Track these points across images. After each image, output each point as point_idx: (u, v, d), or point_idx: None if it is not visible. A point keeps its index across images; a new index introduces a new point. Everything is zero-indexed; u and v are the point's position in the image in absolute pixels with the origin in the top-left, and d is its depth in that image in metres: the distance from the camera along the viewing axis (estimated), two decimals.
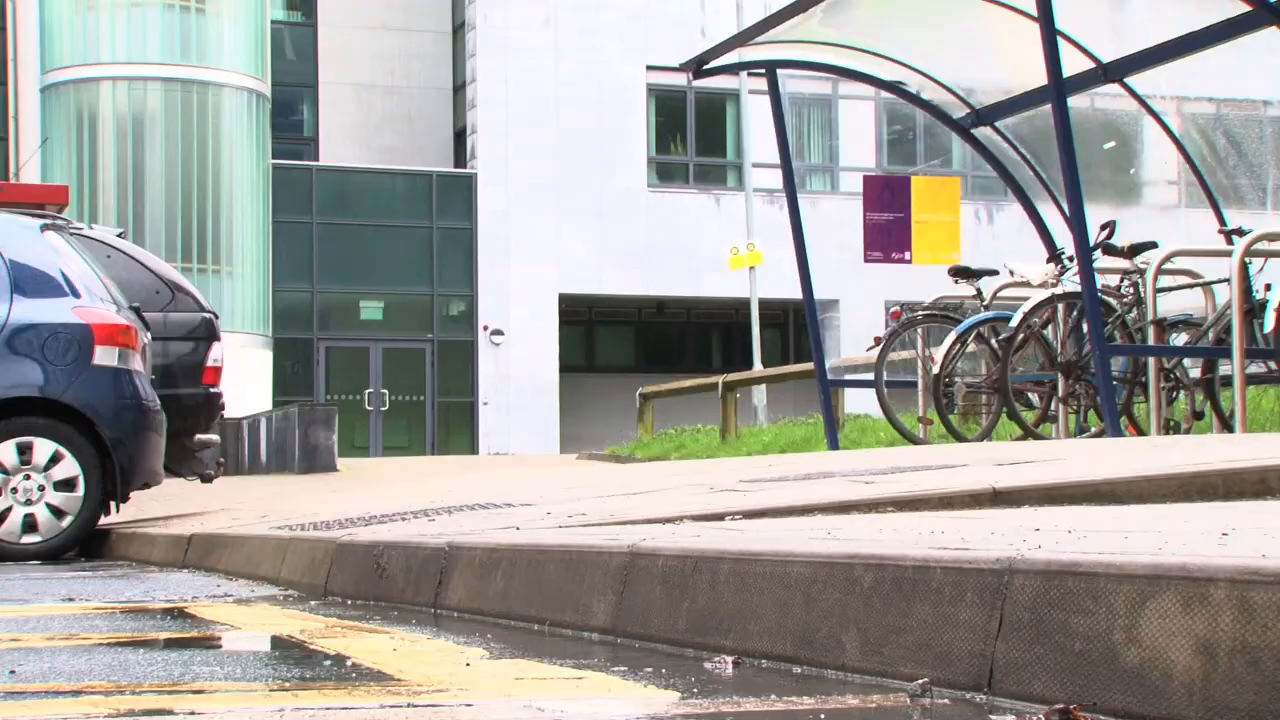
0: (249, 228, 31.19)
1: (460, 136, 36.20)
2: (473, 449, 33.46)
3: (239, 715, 1.94)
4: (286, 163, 33.30)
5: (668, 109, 35.77)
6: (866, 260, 13.02)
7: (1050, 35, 8.86)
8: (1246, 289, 8.72)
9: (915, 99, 12.02)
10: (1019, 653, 1.98)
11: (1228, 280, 8.73)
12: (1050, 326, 9.88)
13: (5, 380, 8.21)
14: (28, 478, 8.24)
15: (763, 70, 11.61)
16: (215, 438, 10.84)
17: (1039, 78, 9.55)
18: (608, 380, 36.40)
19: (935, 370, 9.92)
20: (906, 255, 12.84)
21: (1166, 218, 14.18)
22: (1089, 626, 1.88)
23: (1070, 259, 9.71)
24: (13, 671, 2.45)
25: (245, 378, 27.94)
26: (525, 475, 10.88)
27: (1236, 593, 1.72)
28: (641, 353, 38.90)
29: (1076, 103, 10.60)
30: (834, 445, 11.82)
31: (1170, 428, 9.47)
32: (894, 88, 12.12)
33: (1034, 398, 10.21)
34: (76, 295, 8.48)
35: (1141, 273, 9.57)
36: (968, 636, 2.07)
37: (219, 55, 30.70)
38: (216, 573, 6.10)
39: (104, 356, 8.39)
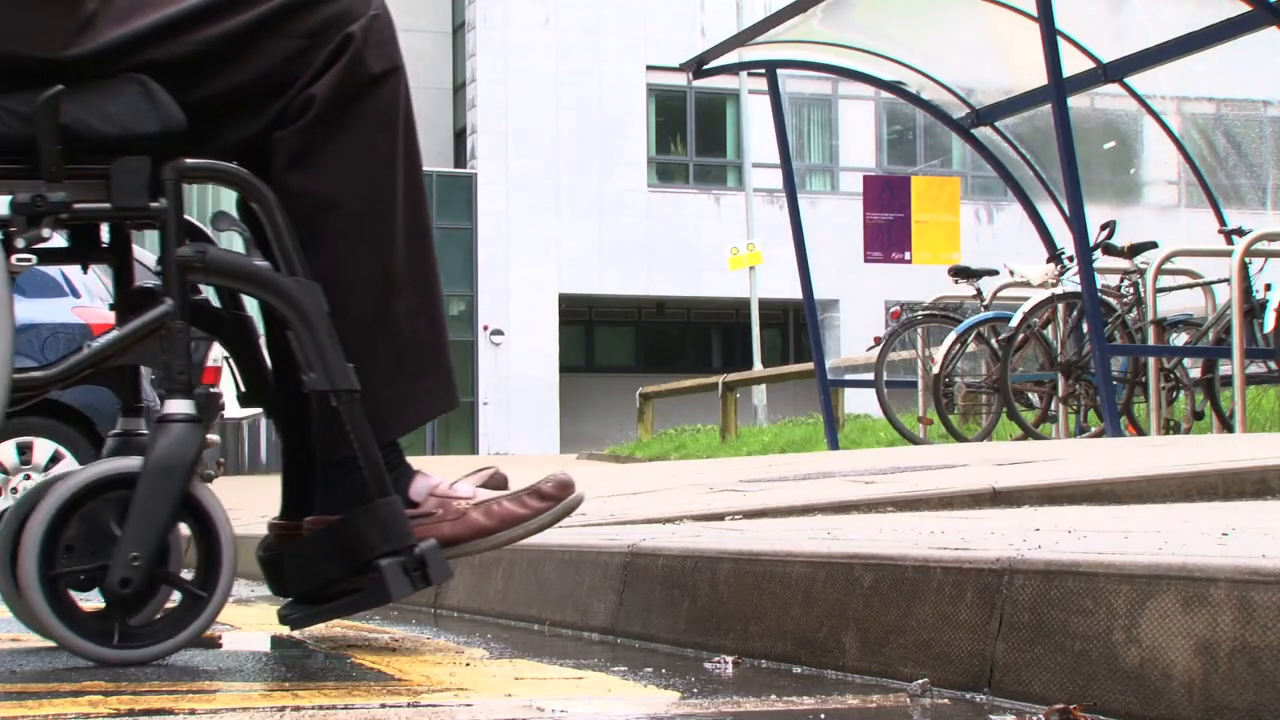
0: None
1: (460, 136, 36.20)
2: (473, 449, 33.45)
3: (239, 715, 1.94)
4: None
5: (668, 109, 35.77)
6: (866, 260, 13.04)
7: (1050, 35, 8.86)
8: (1246, 289, 8.73)
9: (915, 99, 12.03)
10: (1019, 653, 1.98)
11: (1228, 280, 8.74)
12: (1050, 326, 9.88)
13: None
14: (28, 478, 8.24)
15: (763, 70, 11.61)
16: (215, 438, 10.83)
17: (1039, 78, 9.55)
18: (608, 380, 36.41)
19: (935, 370, 9.93)
20: (906, 255, 12.86)
21: (1166, 218, 14.16)
22: (1089, 626, 1.88)
23: (1070, 259, 9.72)
24: (13, 671, 2.45)
25: None
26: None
27: (1236, 593, 1.72)
28: (641, 353, 38.90)
29: (1076, 103, 10.60)
30: (834, 445, 11.82)
31: (1170, 428, 9.47)
32: (894, 88, 12.13)
33: (1034, 398, 10.21)
34: (76, 295, 8.47)
35: (1141, 273, 9.58)
36: (968, 636, 2.07)
37: None
38: None
39: None
